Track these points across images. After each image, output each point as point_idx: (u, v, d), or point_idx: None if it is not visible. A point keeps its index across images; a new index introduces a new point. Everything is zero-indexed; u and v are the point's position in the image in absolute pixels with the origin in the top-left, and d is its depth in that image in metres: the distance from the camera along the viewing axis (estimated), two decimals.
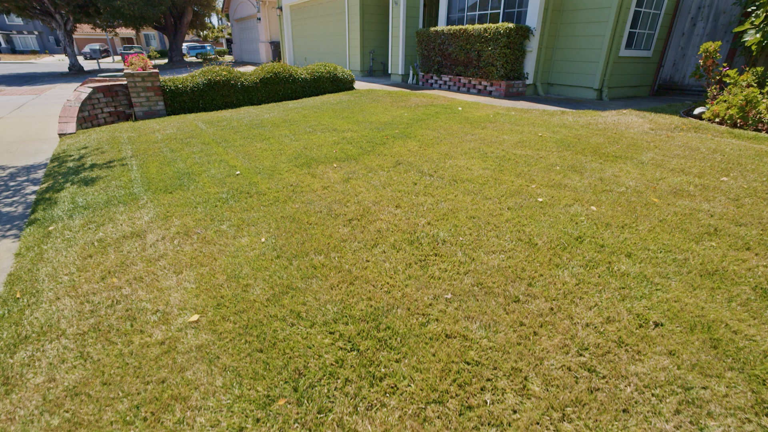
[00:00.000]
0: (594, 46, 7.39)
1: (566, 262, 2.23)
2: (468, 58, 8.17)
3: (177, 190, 3.45)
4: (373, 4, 11.61)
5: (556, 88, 8.31)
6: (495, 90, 7.98)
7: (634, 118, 5.75)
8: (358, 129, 5.25)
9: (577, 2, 7.50)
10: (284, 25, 16.86)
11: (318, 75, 8.75)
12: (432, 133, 4.98)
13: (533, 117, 5.86)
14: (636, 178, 3.44)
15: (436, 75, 9.20)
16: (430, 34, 8.87)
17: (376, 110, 6.50)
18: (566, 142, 4.53)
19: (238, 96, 7.93)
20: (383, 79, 11.36)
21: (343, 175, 3.62)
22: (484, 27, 7.56)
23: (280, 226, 2.71)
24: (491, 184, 3.31)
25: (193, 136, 5.37)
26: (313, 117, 6.20)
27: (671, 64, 8.42)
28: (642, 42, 7.94)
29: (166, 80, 7.42)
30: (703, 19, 7.82)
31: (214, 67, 8.00)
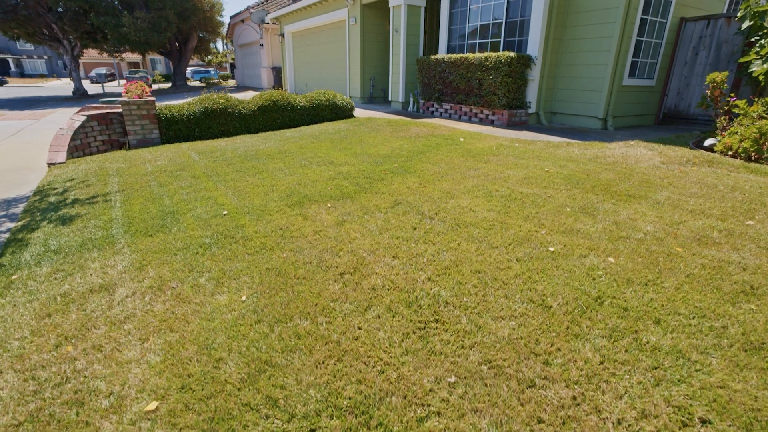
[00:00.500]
0: (597, 75, 7.28)
1: (586, 332, 1.95)
2: (469, 86, 8.06)
3: (158, 232, 3.20)
4: (373, 32, 11.66)
5: (559, 116, 8.17)
6: (497, 119, 7.83)
7: (643, 151, 5.54)
8: (356, 162, 5.04)
9: (578, 32, 7.44)
10: (286, 52, 17.02)
11: (317, 103, 8.64)
12: (433, 167, 4.77)
13: (538, 149, 5.66)
14: (653, 221, 3.18)
15: (437, 103, 9.10)
16: (430, 62, 8.81)
17: (375, 141, 6.32)
18: (575, 178, 4.30)
19: (235, 124, 7.80)
20: (383, 106, 11.29)
21: (337, 217, 3.37)
22: (485, 56, 7.47)
23: (264, 281, 2.44)
24: (497, 230, 3.05)
25: (184, 168, 5.16)
26: (309, 148, 6.01)
27: (675, 93, 8.30)
28: (645, 71, 7.85)
29: (162, 108, 7.30)
30: (705, 49, 7.74)
31: (212, 94, 7.90)
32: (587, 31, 7.28)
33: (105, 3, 22.79)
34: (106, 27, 21.81)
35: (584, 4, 7.24)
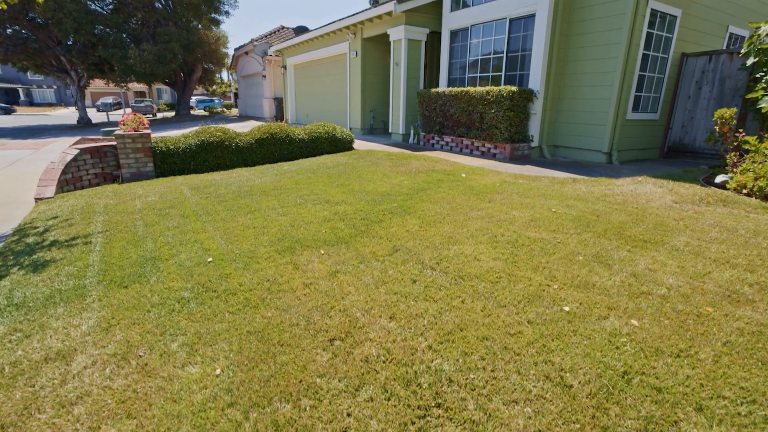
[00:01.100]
0: (600, 110, 7.17)
1: (616, 422, 1.65)
2: (470, 119, 7.96)
3: (135, 282, 2.93)
4: (374, 64, 11.75)
5: (562, 150, 8.02)
6: (499, 153, 7.68)
7: (652, 188, 5.32)
8: (353, 201, 4.81)
9: (579, 66, 7.39)
10: (288, 83, 17.22)
11: (316, 135, 8.53)
12: (434, 207, 4.53)
13: (543, 186, 5.45)
14: (675, 272, 2.91)
15: (438, 135, 9.00)
16: (431, 95, 8.76)
17: (374, 176, 6.13)
18: (584, 220, 4.05)
19: (232, 157, 7.65)
20: (384, 138, 11.22)
21: (330, 266, 3.10)
22: (487, 90, 7.40)
23: (244, 348, 2.15)
24: (505, 283, 2.77)
25: (174, 205, 4.94)
26: (306, 184, 5.82)
27: (680, 127, 8.18)
28: (648, 105, 7.76)
29: (157, 141, 7.17)
30: (708, 83, 7.67)
31: (209, 127, 7.80)
32: (589, 65, 7.23)
33: (113, 36, 23.37)
34: (113, 59, 22.25)
35: (585, 40, 7.22)
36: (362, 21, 10.48)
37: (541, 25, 7.11)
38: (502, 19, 7.82)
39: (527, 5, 7.30)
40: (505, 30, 7.78)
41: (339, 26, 11.50)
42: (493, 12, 7.95)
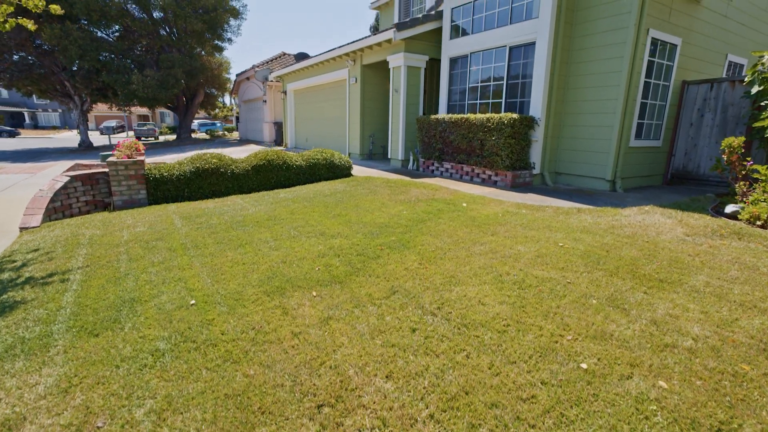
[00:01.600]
0: (603, 137, 7.05)
1: None
2: (471, 146, 7.84)
3: (108, 329, 2.67)
4: (373, 90, 11.76)
5: (564, 177, 7.86)
6: (500, 180, 7.52)
7: (661, 218, 5.11)
8: (350, 233, 4.59)
9: (581, 93, 7.31)
10: (288, 108, 17.29)
11: (314, 162, 8.40)
12: (434, 241, 4.31)
13: (547, 217, 5.24)
14: (699, 319, 2.66)
15: (437, 162, 8.86)
16: (430, 122, 8.68)
17: (372, 205, 5.93)
18: (593, 255, 3.82)
19: (228, 184, 7.48)
20: (383, 164, 11.10)
21: (322, 311, 2.85)
22: (487, 117, 7.30)
23: (219, 418, 1.88)
24: (513, 333, 2.52)
25: (162, 237, 4.72)
26: (301, 214, 5.61)
27: (683, 154, 8.05)
28: (651, 132, 7.65)
29: (151, 168, 7.01)
30: (710, 111, 7.58)
31: (205, 154, 7.66)
32: (590, 93, 7.15)
33: (117, 62, 23.73)
34: (116, 84, 22.51)
35: (585, 67, 7.17)
36: (362, 48, 10.54)
37: (542, 52, 7.07)
38: (502, 47, 7.81)
39: (527, 33, 7.28)
40: (505, 57, 7.76)
41: (339, 53, 11.57)
42: (493, 40, 7.95)
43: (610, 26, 6.72)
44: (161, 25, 23.76)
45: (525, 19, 7.36)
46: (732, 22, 8.45)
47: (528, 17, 7.31)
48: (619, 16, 6.59)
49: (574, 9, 7.20)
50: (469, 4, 8.49)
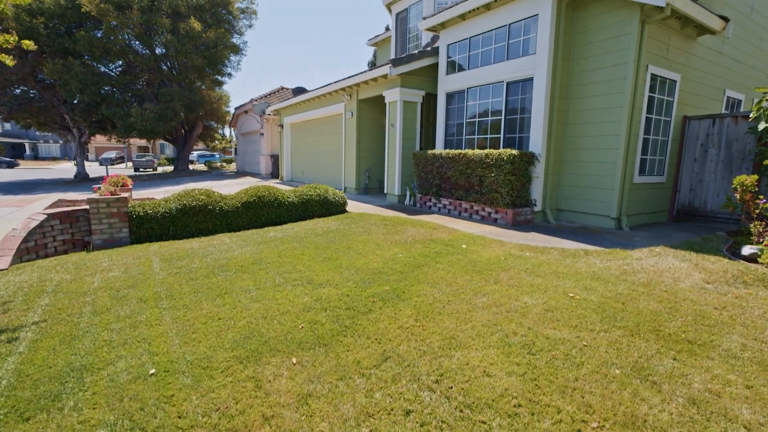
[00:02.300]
0: (606, 173, 6.80)
1: None
2: (469, 183, 7.58)
3: (43, 410, 2.25)
4: (369, 125, 11.67)
5: (567, 214, 7.57)
6: (501, 218, 7.21)
7: (675, 262, 4.76)
8: (340, 281, 4.21)
9: (581, 129, 7.14)
10: (284, 141, 17.25)
11: (307, 198, 8.10)
12: (432, 291, 3.93)
13: (553, 261, 4.88)
14: (746, 397, 2.26)
15: (435, 198, 8.59)
16: (427, 157, 8.47)
17: (366, 247, 5.58)
18: (609, 309, 3.44)
19: (215, 222, 7.14)
20: (379, 199, 10.83)
21: (301, 385, 2.44)
22: (486, 153, 7.08)
23: None
24: (526, 417, 2.11)
25: (136, 284, 4.32)
26: (289, 256, 5.24)
27: (688, 189, 7.81)
28: (654, 168, 7.43)
29: (135, 205, 6.70)
30: (714, 146, 7.40)
31: (193, 190, 7.37)
32: (591, 128, 6.98)
33: (117, 96, 23.96)
34: (115, 117, 22.62)
35: (585, 103, 7.03)
36: (358, 83, 10.51)
37: (540, 88, 6.94)
38: (499, 83, 7.71)
39: (525, 69, 7.19)
40: (503, 93, 7.64)
41: (335, 88, 11.56)
42: (490, 76, 7.87)
43: (608, 62, 6.62)
44: (163, 61, 24.18)
45: (522, 55, 7.28)
46: (727, 58, 8.43)
47: (525, 53, 7.24)
48: (617, 52, 6.50)
49: (571, 45, 7.14)
50: (465, 40, 8.48)
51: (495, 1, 7.49)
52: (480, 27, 8.02)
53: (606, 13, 6.60)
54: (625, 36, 6.36)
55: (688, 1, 6.20)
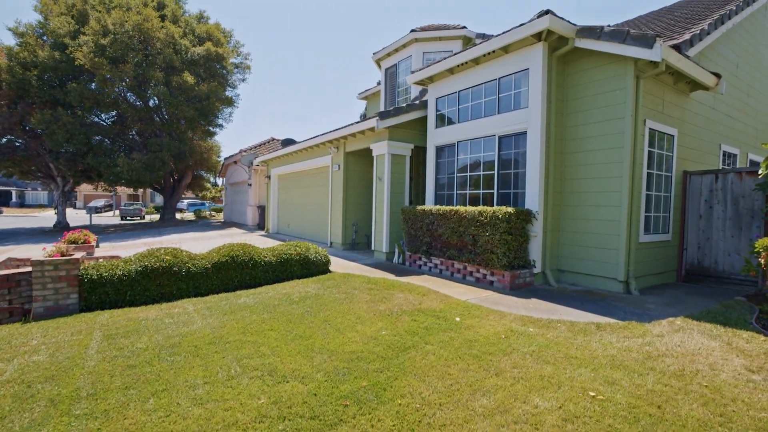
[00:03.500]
0: (610, 232, 6.28)
1: None
2: (462, 241, 7.00)
3: None
4: (357, 177, 11.27)
5: (569, 275, 6.95)
6: (497, 281, 6.56)
7: (703, 340, 4.09)
8: (309, 371, 3.45)
9: (578, 185, 6.71)
10: (271, 193, 16.80)
11: (286, 257, 7.42)
12: (419, 387, 3.18)
13: (562, 339, 4.18)
14: None
15: (425, 256, 7.96)
16: (417, 213, 7.94)
17: (346, 320, 4.84)
18: (643, 417, 2.72)
19: (181, 285, 6.39)
20: (366, 255, 10.17)
21: None
22: (479, 210, 6.56)
23: None
24: None
25: (55, 375, 3.51)
26: (255, 332, 4.48)
27: (696, 248, 7.30)
28: (659, 225, 6.95)
29: (89, 267, 5.96)
30: (719, 203, 6.99)
31: (158, 249, 6.68)
32: (590, 184, 6.55)
33: (104, 145, 23.74)
34: (101, 166, 22.22)
35: (582, 158, 6.66)
36: (345, 136, 10.22)
37: (534, 143, 6.58)
38: (491, 136, 7.38)
39: (517, 123, 6.88)
40: (495, 147, 7.28)
41: (322, 140, 11.28)
42: (481, 129, 7.56)
43: (604, 116, 6.34)
44: (155, 112, 24.26)
45: (513, 108, 7.01)
46: (720, 113, 8.30)
47: (516, 107, 6.97)
48: (613, 107, 6.22)
49: (563, 99, 6.90)
50: (454, 94, 8.28)
51: (484, 56, 7.35)
52: (469, 81, 7.84)
53: (598, 68, 6.41)
54: (620, 91, 6.12)
55: (681, 57, 6.03)
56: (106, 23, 20.16)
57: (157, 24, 21.39)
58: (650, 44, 5.46)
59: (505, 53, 7.05)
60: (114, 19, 20.26)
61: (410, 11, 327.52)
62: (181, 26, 23.90)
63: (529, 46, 6.64)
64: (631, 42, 5.65)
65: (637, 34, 5.58)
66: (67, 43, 20.43)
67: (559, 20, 6.11)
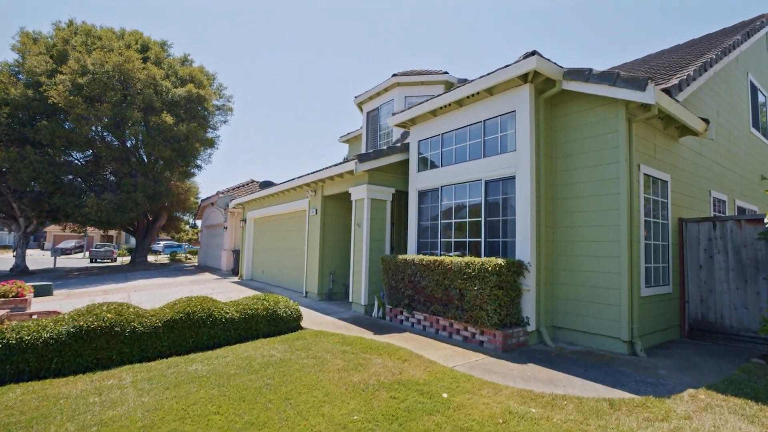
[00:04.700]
0: (610, 285, 5.71)
1: None
2: (447, 296, 6.31)
3: None
4: (335, 223, 10.64)
5: (565, 333, 6.28)
6: (488, 341, 5.82)
7: (741, 425, 3.42)
8: None
9: (571, 234, 6.21)
10: (246, 237, 15.96)
11: (251, 313, 6.56)
12: None
13: (573, 427, 3.43)
14: None
15: (407, 311, 7.20)
16: (398, 263, 7.26)
17: (310, 399, 4.01)
18: None
19: (123, 348, 5.44)
20: (343, 307, 9.34)
21: None
22: (466, 261, 5.94)
23: None
24: None
25: None
26: (194, 420, 3.60)
27: (698, 301, 6.77)
28: (660, 277, 6.44)
29: (7, 329, 5.00)
30: (720, 252, 6.56)
31: (100, 306, 5.77)
32: (585, 233, 6.06)
33: (75, 184, 22.70)
34: (68, 207, 21.08)
35: (575, 204, 6.21)
36: (323, 179, 9.68)
37: (524, 188, 6.12)
38: (477, 181, 6.92)
39: (504, 167, 6.45)
40: (482, 192, 6.81)
41: (299, 183, 10.71)
42: (466, 174, 7.11)
43: (597, 161, 5.96)
44: (131, 152, 23.56)
45: (500, 152, 6.61)
46: (707, 159, 8.13)
47: (503, 150, 6.58)
48: (605, 151, 5.87)
49: (552, 143, 6.55)
50: (437, 137, 7.92)
51: (468, 98, 7.05)
52: (453, 123, 7.50)
53: (588, 111, 6.12)
54: (612, 134, 5.79)
55: (672, 100, 5.80)
56: (85, 63, 19.84)
57: (138, 65, 21.20)
58: (642, 86, 5.19)
59: (490, 95, 6.76)
60: (94, 59, 19.99)
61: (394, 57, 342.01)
62: (164, 68, 23.81)
63: (515, 87, 6.36)
64: (622, 84, 5.38)
65: (628, 77, 5.32)
66: (42, 81, 19.93)
67: (546, 61, 5.86)
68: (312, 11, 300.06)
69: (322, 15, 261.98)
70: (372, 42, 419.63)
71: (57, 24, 22.94)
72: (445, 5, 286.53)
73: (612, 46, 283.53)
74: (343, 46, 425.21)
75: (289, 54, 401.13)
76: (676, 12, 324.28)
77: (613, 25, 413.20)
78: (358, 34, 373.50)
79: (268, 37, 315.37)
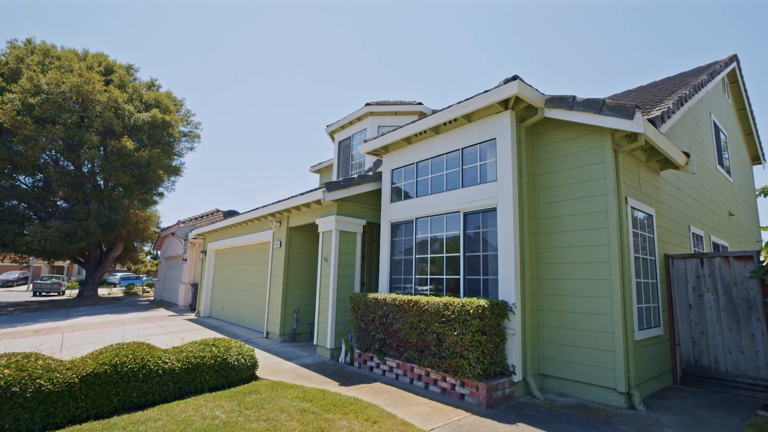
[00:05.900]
0: (601, 329, 5.17)
1: None
2: (423, 341, 5.58)
3: None
4: (300, 256, 9.81)
5: (554, 382, 5.64)
6: (470, 394, 5.08)
7: None
8: None
9: (560, 270, 5.71)
10: (206, 270, 14.75)
11: (195, 362, 5.58)
12: None
13: None
14: None
15: (378, 357, 6.38)
16: (368, 303, 6.50)
17: None
18: None
19: (23, 415, 4.34)
20: (307, 351, 8.38)
21: None
22: (445, 302, 5.28)
23: None
24: None
25: None
26: None
27: (690, 343, 6.34)
28: (651, 318, 5.99)
29: None
30: (709, 291, 6.21)
31: (9, 357, 4.68)
32: (573, 270, 5.56)
33: (16, 211, 20.81)
34: (5, 235, 19.16)
35: (560, 239, 5.74)
36: (289, 208, 8.94)
37: (507, 220, 5.61)
38: (455, 212, 6.39)
39: (485, 198, 5.95)
40: (460, 224, 6.26)
41: (263, 213, 9.90)
42: (442, 205, 6.58)
43: (583, 193, 5.57)
44: (87, 177, 22.02)
45: (480, 182, 6.14)
46: (684, 194, 7.99)
47: (483, 180, 6.11)
48: (591, 182, 5.49)
49: (534, 173, 6.16)
50: (412, 165, 7.42)
51: (445, 124, 6.63)
52: (429, 151, 7.04)
53: (572, 140, 5.79)
54: (599, 165, 5.44)
55: (657, 131, 5.54)
56: (39, 83, 18.65)
57: (99, 87, 20.17)
58: (630, 114, 4.88)
59: (468, 122, 6.36)
60: (49, 79, 18.84)
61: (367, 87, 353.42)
62: (128, 92, 22.82)
63: (496, 114, 5.98)
64: (608, 112, 5.07)
65: (615, 104, 5.02)
66: None
67: (528, 87, 5.53)
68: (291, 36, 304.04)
69: (300, 41, 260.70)
70: (345, 72, 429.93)
71: (13, 42, 21.74)
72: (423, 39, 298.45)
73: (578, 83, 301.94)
74: (317, 72, 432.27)
75: (263, 79, 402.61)
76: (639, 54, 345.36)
77: (569, 65, 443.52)
78: (331, 63, 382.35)
79: (244, 63, 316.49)
